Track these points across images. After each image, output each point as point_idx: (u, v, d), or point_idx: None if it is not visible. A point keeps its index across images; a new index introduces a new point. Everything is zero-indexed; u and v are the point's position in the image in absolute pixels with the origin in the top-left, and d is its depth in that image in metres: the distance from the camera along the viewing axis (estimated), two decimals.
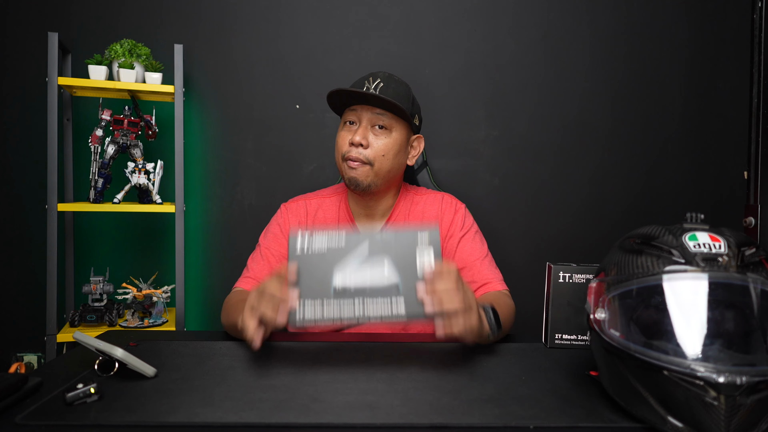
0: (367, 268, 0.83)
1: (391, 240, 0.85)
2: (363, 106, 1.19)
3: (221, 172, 2.06)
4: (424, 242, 0.84)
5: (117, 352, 0.77)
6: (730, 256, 0.66)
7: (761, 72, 1.35)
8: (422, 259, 0.84)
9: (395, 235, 0.86)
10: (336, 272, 0.84)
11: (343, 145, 1.21)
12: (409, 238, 0.85)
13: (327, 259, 0.85)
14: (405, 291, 0.82)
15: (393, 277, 0.83)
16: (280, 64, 2.05)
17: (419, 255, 0.84)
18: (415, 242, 0.84)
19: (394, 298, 0.82)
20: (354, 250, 0.85)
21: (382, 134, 1.19)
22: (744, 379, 0.59)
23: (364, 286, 0.83)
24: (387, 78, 1.21)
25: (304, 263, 0.85)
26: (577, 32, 2.13)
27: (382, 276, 0.83)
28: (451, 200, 1.32)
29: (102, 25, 1.96)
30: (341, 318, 0.82)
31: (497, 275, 1.24)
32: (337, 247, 0.85)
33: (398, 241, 0.85)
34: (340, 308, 0.82)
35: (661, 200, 2.17)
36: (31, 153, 1.94)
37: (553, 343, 1.02)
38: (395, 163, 1.22)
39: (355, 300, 0.82)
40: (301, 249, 0.85)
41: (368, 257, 0.84)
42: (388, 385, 0.80)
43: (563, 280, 1.00)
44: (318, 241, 0.86)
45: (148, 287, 1.85)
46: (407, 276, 0.83)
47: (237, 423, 0.66)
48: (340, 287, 0.83)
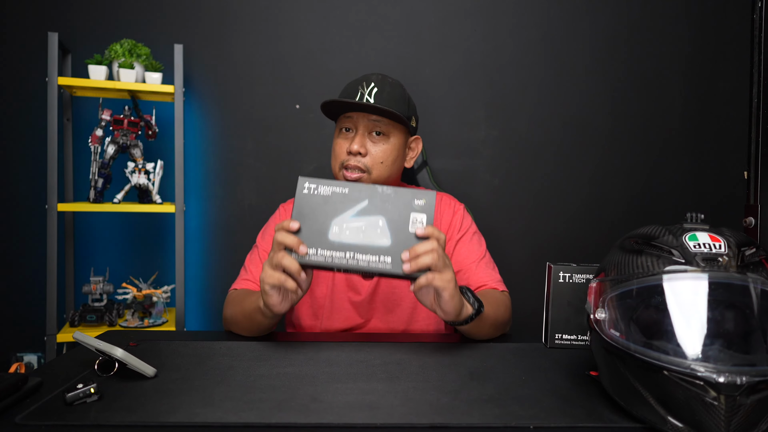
0: (363, 223, 0.89)
1: (390, 197, 0.90)
2: (358, 113, 1.17)
3: (221, 172, 2.06)
4: (420, 206, 0.90)
5: (117, 352, 0.77)
6: (730, 256, 0.66)
7: (761, 72, 1.35)
8: (414, 223, 0.89)
9: (395, 193, 0.91)
10: (334, 222, 0.89)
11: (341, 154, 1.18)
12: (407, 200, 0.90)
13: (329, 202, 0.91)
14: (393, 250, 0.88)
15: (385, 236, 0.89)
16: (280, 64, 2.05)
17: (412, 218, 0.90)
18: (411, 205, 0.90)
19: (382, 257, 0.88)
20: (355, 201, 0.90)
21: (380, 140, 1.18)
22: (744, 379, 0.59)
23: (357, 241, 0.89)
24: (381, 81, 1.18)
25: (308, 203, 0.91)
26: (577, 32, 2.13)
27: (376, 233, 0.89)
28: (449, 201, 1.31)
29: (102, 25, 1.96)
30: (332, 264, 0.88)
31: (494, 276, 1.23)
32: (341, 192, 0.91)
33: (396, 200, 0.90)
34: (332, 255, 0.88)
35: (661, 200, 2.17)
36: (31, 153, 1.94)
37: (553, 343, 1.02)
38: (394, 169, 1.21)
39: (347, 252, 0.88)
40: (307, 189, 0.91)
41: (366, 210, 0.90)
42: (388, 385, 0.80)
43: (563, 280, 1.00)
44: (324, 185, 0.91)
45: (148, 287, 1.85)
46: (398, 236, 0.89)
47: (237, 423, 0.66)
48: (336, 237, 0.89)
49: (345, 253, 0.88)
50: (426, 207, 0.90)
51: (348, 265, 0.88)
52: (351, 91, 1.19)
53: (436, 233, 0.88)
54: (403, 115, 1.17)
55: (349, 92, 1.19)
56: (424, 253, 0.87)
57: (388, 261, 0.88)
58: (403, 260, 0.87)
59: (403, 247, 0.88)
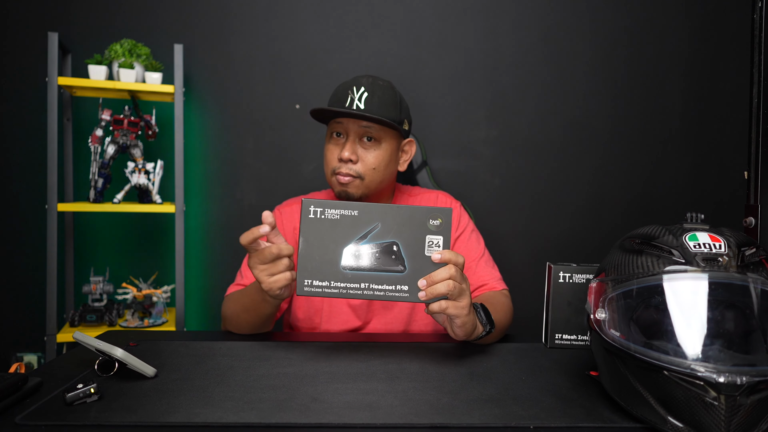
0: (377, 249, 0.84)
1: (404, 218, 0.85)
2: (348, 120, 1.15)
3: (221, 172, 2.06)
4: (436, 226, 0.85)
5: (117, 352, 0.77)
6: (730, 256, 0.66)
7: (761, 72, 1.35)
8: (431, 246, 0.85)
9: (409, 212, 0.85)
10: (345, 250, 0.84)
11: (332, 161, 1.17)
12: (422, 220, 0.85)
13: (339, 226, 0.85)
14: (409, 277, 0.84)
15: (400, 262, 0.84)
16: (280, 64, 2.05)
17: (428, 240, 0.84)
18: (426, 226, 0.85)
19: (398, 285, 0.84)
20: (366, 224, 0.85)
21: (372, 146, 1.16)
22: (744, 379, 0.59)
23: (371, 270, 0.84)
24: (371, 85, 1.16)
25: (315, 229, 0.85)
26: (577, 32, 2.13)
27: (390, 260, 0.84)
28: (445, 199, 1.31)
29: (102, 25, 1.97)
30: (347, 292, 0.84)
31: (494, 275, 1.22)
32: (350, 215, 0.85)
33: (411, 221, 0.85)
34: (346, 284, 0.84)
35: (661, 200, 2.17)
36: (31, 153, 1.94)
37: (553, 343, 1.02)
38: (386, 174, 1.19)
39: (361, 282, 0.84)
40: (313, 213, 0.85)
41: (379, 235, 0.84)
42: (388, 385, 0.80)
43: (563, 280, 1.00)
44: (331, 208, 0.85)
45: (148, 287, 1.85)
46: (414, 261, 0.84)
47: (237, 423, 0.66)
48: (348, 266, 0.84)
49: (359, 284, 0.84)
50: (442, 228, 0.85)
51: (363, 295, 0.84)
52: (341, 96, 1.16)
53: (453, 258, 0.84)
54: (395, 119, 1.15)
55: (339, 97, 1.16)
56: (440, 280, 0.83)
57: (405, 289, 0.84)
58: (420, 287, 0.83)
59: (420, 273, 0.84)
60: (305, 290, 0.84)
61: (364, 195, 1.17)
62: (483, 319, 0.95)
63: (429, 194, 1.31)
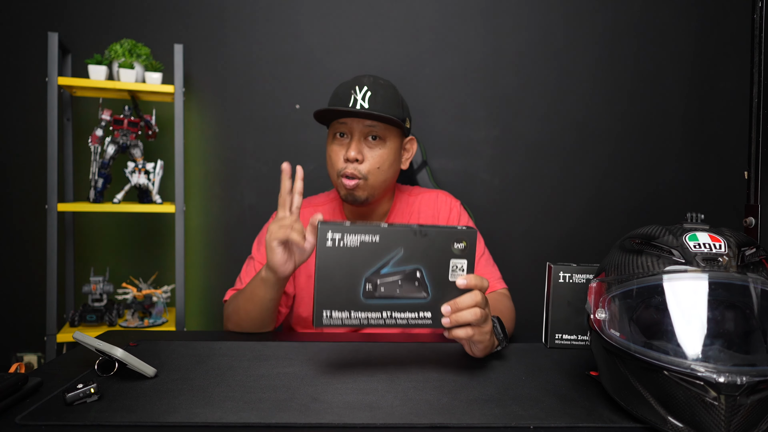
0: (399, 276, 0.80)
1: (427, 241, 0.80)
2: (352, 119, 1.14)
3: (221, 172, 2.06)
4: (460, 249, 0.81)
5: (117, 352, 0.77)
6: (730, 256, 0.66)
7: (761, 72, 1.35)
8: (455, 270, 0.81)
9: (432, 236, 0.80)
10: (366, 278, 0.80)
11: (337, 162, 1.16)
12: (446, 244, 0.81)
13: (358, 254, 0.79)
14: (432, 304, 0.81)
15: (423, 288, 0.81)
16: (280, 64, 2.06)
17: (452, 264, 0.81)
18: (451, 249, 0.81)
19: (421, 312, 0.81)
20: (388, 250, 0.80)
21: (377, 145, 1.15)
22: (744, 379, 0.59)
23: (393, 298, 0.80)
24: (373, 84, 1.16)
25: (333, 258, 0.79)
26: (577, 32, 2.13)
27: (413, 287, 0.80)
28: (445, 198, 1.31)
29: (102, 25, 1.97)
30: (368, 323, 0.80)
31: (494, 274, 1.23)
32: (371, 241, 0.79)
33: (434, 244, 0.80)
34: (367, 314, 0.80)
35: (661, 200, 2.17)
36: (31, 153, 1.94)
37: (553, 343, 1.02)
38: (390, 173, 1.19)
39: (383, 311, 0.80)
40: (332, 241, 0.79)
41: (402, 261, 0.80)
42: (388, 385, 0.80)
43: (563, 280, 1.00)
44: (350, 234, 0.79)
45: (148, 287, 1.85)
46: (437, 287, 0.81)
47: (237, 423, 0.66)
48: (369, 296, 0.80)
49: (381, 313, 0.80)
50: (467, 251, 0.81)
51: (385, 324, 0.80)
52: (343, 96, 1.16)
53: (478, 283, 0.82)
54: (398, 117, 1.16)
55: (341, 97, 1.16)
56: (466, 307, 0.81)
57: (428, 316, 0.81)
58: (443, 313, 0.81)
59: (444, 299, 0.81)
60: (324, 323, 0.79)
61: (370, 196, 1.17)
62: (500, 334, 0.94)
63: (429, 194, 1.31)
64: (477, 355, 0.89)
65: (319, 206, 1.29)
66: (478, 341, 0.85)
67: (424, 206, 1.28)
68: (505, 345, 0.94)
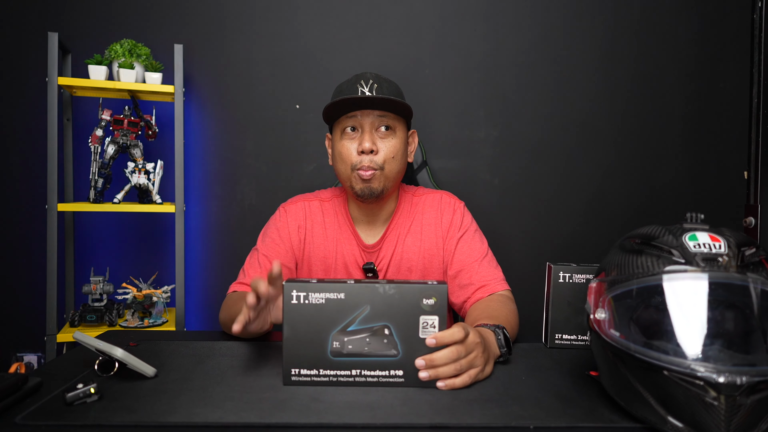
0: (366, 334, 0.79)
1: (394, 298, 0.79)
2: (363, 111, 1.14)
3: (221, 172, 2.06)
4: (429, 306, 0.80)
5: (117, 352, 0.77)
6: (730, 256, 0.66)
7: (761, 72, 1.35)
8: (426, 327, 0.80)
9: (400, 293, 0.80)
10: (332, 336, 0.79)
11: (350, 156, 1.15)
12: (414, 300, 0.80)
13: (324, 312, 0.79)
14: (404, 361, 0.79)
15: (393, 346, 0.80)
16: (280, 64, 2.06)
17: (422, 321, 0.80)
18: (420, 306, 0.80)
19: (392, 371, 0.80)
20: (354, 307, 0.79)
21: (388, 136, 1.16)
22: (744, 379, 0.59)
23: (362, 356, 0.79)
24: (377, 78, 1.17)
25: (300, 315, 0.79)
26: (577, 32, 2.13)
27: (382, 344, 0.79)
28: (449, 199, 1.31)
29: (102, 25, 1.97)
30: (337, 381, 0.79)
31: (497, 275, 1.22)
32: (337, 298, 0.79)
33: (402, 301, 0.79)
34: (336, 372, 0.79)
35: (661, 200, 2.17)
36: (31, 153, 1.94)
37: (553, 343, 1.02)
38: (402, 164, 1.20)
39: (352, 369, 0.79)
40: (296, 298, 0.79)
41: (369, 318, 0.79)
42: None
43: (563, 280, 1.00)
44: (315, 292, 0.79)
45: (148, 287, 1.85)
46: (408, 344, 0.80)
47: (237, 423, 0.66)
48: (337, 354, 0.79)
49: (350, 371, 0.79)
50: (437, 307, 0.79)
51: (355, 383, 0.79)
52: (348, 91, 1.15)
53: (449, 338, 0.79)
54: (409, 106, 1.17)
55: (346, 93, 1.16)
56: (444, 364, 0.79)
57: (400, 374, 0.79)
58: (418, 367, 0.79)
59: (415, 356, 0.79)
60: (293, 380, 0.79)
61: (384, 188, 1.16)
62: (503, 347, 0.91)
63: (433, 195, 1.31)
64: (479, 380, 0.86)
65: (325, 201, 1.29)
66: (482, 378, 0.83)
67: (428, 207, 1.28)
68: (508, 356, 0.93)
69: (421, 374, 0.79)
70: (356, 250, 1.25)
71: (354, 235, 1.25)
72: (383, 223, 1.26)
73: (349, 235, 1.25)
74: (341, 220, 1.26)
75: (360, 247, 1.25)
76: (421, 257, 1.24)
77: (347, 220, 1.26)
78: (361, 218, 1.26)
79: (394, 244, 1.25)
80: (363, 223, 1.26)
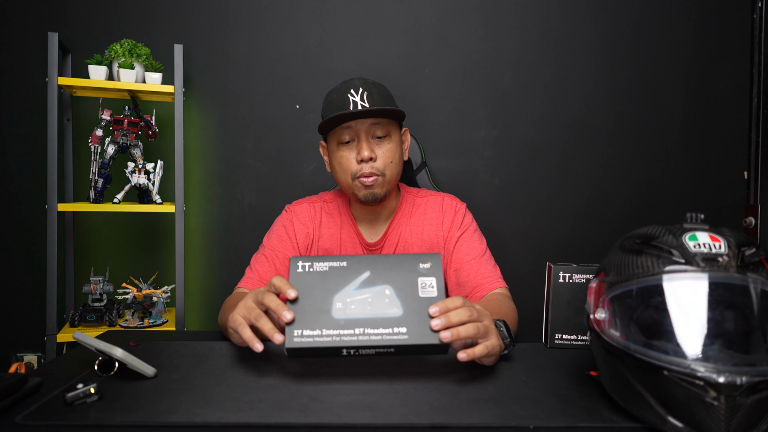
0: (368, 294, 0.82)
1: (392, 264, 0.84)
2: (357, 121, 1.15)
3: (221, 172, 2.06)
4: (426, 269, 0.83)
5: (117, 352, 0.77)
6: (730, 256, 0.66)
7: (761, 72, 1.35)
8: (425, 287, 0.82)
9: (398, 259, 0.84)
10: (336, 298, 0.81)
11: (351, 166, 1.17)
12: (411, 264, 0.84)
13: (328, 277, 0.83)
14: (406, 319, 0.80)
15: (395, 305, 0.81)
16: (280, 64, 2.06)
17: (420, 282, 0.83)
18: (417, 269, 0.83)
19: (396, 328, 0.79)
20: (356, 273, 0.83)
21: (384, 142, 1.18)
22: (744, 379, 0.59)
23: (364, 315, 0.80)
24: (366, 84, 1.17)
25: (305, 281, 0.83)
26: (577, 32, 2.13)
27: (384, 303, 0.81)
28: (451, 201, 1.32)
29: (102, 25, 1.97)
30: (340, 344, 0.78)
31: (495, 273, 1.23)
32: (339, 266, 0.84)
33: (400, 266, 0.84)
34: (339, 334, 0.79)
35: (661, 200, 2.17)
36: (31, 153, 1.94)
37: (553, 343, 1.02)
38: (400, 165, 1.23)
39: (355, 328, 0.79)
40: (302, 267, 0.84)
41: (370, 281, 0.83)
42: (388, 385, 0.80)
43: (563, 280, 1.00)
44: (319, 261, 0.84)
45: (148, 287, 1.85)
46: (409, 303, 0.81)
47: (237, 423, 0.66)
48: (340, 314, 0.80)
49: (354, 329, 0.79)
50: (433, 270, 0.83)
51: (359, 342, 0.78)
52: (339, 102, 1.16)
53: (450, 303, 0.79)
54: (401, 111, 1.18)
55: (338, 104, 1.16)
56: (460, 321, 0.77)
57: (403, 331, 0.78)
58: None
59: (417, 315, 0.80)
60: (295, 341, 0.78)
61: (386, 191, 1.19)
62: (507, 338, 0.91)
63: (435, 197, 1.32)
64: (488, 364, 0.87)
65: (328, 202, 1.31)
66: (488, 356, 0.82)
67: (430, 208, 1.30)
68: (512, 348, 0.93)
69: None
70: (359, 248, 1.27)
71: (356, 233, 1.27)
72: (384, 221, 1.28)
73: (351, 234, 1.27)
74: (344, 220, 1.28)
75: (362, 245, 1.27)
76: None
77: (350, 219, 1.28)
78: (362, 217, 1.28)
79: (395, 242, 1.27)
80: (365, 221, 1.28)
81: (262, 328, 0.81)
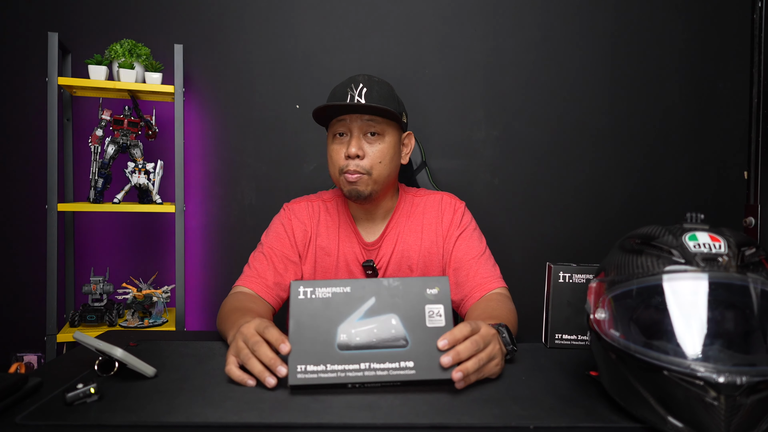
0: (374, 324, 0.78)
1: (398, 290, 0.80)
2: (351, 116, 1.16)
3: (221, 172, 2.06)
4: (434, 295, 0.80)
5: (117, 352, 0.77)
6: (730, 256, 0.66)
7: (761, 72, 1.35)
8: (432, 316, 0.79)
9: (404, 284, 0.80)
10: (341, 327, 0.78)
11: (338, 160, 1.17)
12: (418, 290, 0.80)
13: (331, 305, 0.79)
14: (413, 352, 0.77)
15: (401, 336, 0.78)
16: (280, 64, 2.06)
17: (428, 311, 0.79)
18: (424, 295, 0.80)
19: (402, 362, 0.77)
20: (360, 300, 0.79)
21: (376, 141, 1.17)
22: (744, 379, 0.59)
23: (370, 346, 0.77)
24: (369, 81, 1.17)
25: (306, 310, 0.79)
26: (577, 32, 2.13)
27: (390, 334, 0.78)
28: (450, 200, 1.32)
29: (102, 25, 1.97)
30: (345, 376, 0.76)
31: (494, 272, 1.22)
32: (342, 292, 0.80)
33: (406, 292, 0.80)
34: (344, 369, 0.76)
35: (661, 200, 2.17)
36: (31, 153, 1.94)
37: (553, 343, 1.02)
38: (392, 167, 1.21)
39: (361, 363, 0.76)
40: (303, 294, 0.80)
41: (375, 310, 0.79)
42: (388, 384, 0.80)
43: (563, 280, 1.00)
44: (321, 287, 0.80)
45: (148, 287, 1.85)
46: (416, 334, 0.78)
47: (237, 423, 0.66)
48: (345, 347, 0.77)
49: (359, 364, 0.76)
50: (441, 296, 0.80)
51: (364, 377, 0.76)
52: (339, 95, 1.17)
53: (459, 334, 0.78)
54: (395, 111, 1.17)
55: (338, 96, 1.17)
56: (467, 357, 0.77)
57: (410, 366, 0.76)
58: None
59: (424, 347, 0.77)
60: (298, 377, 0.75)
61: (373, 191, 1.18)
62: (509, 344, 0.91)
63: (434, 195, 1.32)
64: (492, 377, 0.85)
65: (326, 201, 1.31)
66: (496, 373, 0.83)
67: (428, 207, 1.29)
68: (514, 353, 0.93)
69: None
70: (357, 247, 1.26)
71: (355, 233, 1.27)
72: (382, 221, 1.28)
73: (350, 233, 1.27)
74: (342, 219, 1.28)
75: (360, 244, 1.26)
76: (422, 256, 1.25)
77: (348, 218, 1.28)
78: (360, 216, 1.28)
79: (394, 242, 1.26)
80: (363, 221, 1.28)
81: (253, 370, 0.79)
